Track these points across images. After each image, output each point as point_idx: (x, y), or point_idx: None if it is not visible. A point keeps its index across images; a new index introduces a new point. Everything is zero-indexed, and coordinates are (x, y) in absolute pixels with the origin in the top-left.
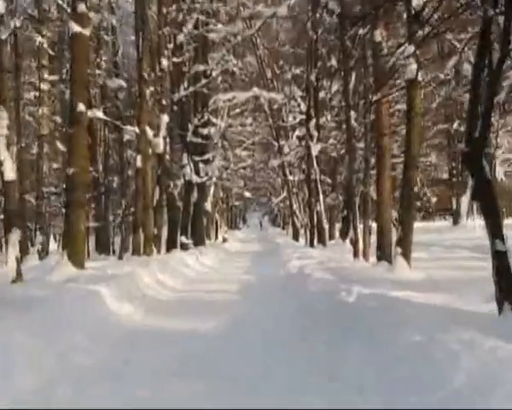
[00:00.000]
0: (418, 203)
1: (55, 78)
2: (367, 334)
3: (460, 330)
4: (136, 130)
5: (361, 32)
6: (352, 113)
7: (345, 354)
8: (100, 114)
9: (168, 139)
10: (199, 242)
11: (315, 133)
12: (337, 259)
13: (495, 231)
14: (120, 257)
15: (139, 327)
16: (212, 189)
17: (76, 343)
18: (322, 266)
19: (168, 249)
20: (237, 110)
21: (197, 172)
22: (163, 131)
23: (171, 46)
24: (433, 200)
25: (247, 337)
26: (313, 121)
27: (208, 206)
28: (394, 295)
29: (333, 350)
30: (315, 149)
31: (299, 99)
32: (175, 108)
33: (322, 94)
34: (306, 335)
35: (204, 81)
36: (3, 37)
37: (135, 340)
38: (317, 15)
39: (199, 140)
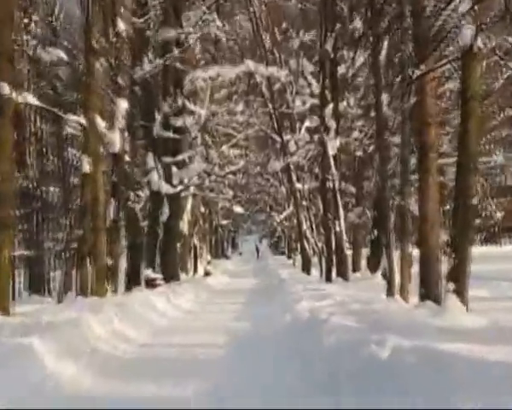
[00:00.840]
0: (478, 220)
1: None
2: (406, 402)
3: None
4: (82, 120)
5: None
6: (384, 95)
7: None
8: (31, 98)
9: (127, 134)
10: (171, 276)
11: (332, 124)
12: (364, 298)
13: None
14: (61, 299)
15: (84, 397)
16: (189, 202)
17: None
18: (343, 309)
19: (129, 287)
20: (223, 92)
21: (168, 180)
22: (120, 123)
23: (130, 2)
24: (499, 215)
25: None
26: (330, 107)
27: (184, 226)
28: (443, 349)
29: None
30: (332, 145)
31: (309, 77)
32: (136, 89)
33: (342, 69)
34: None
35: (177, 52)
36: None
37: None
38: None
39: (170, 134)
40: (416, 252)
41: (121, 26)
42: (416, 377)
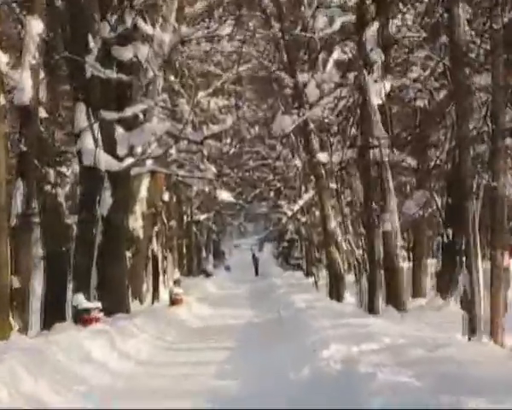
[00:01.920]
0: None
1: None
2: None
3: None
4: None
5: None
6: (462, 8)
7: None
8: None
9: (43, 74)
10: (116, 306)
11: (378, 56)
12: (430, 340)
13: None
14: None
15: None
16: (144, 186)
17: None
18: (396, 358)
19: (47, 323)
20: (200, 4)
21: (111, 149)
22: (32, 56)
23: None
24: None
25: None
26: (373, 28)
27: (137, 224)
28: None
29: None
30: (378, 91)
31: None
32: (59, 2)
33: None
34: None
35: None
36: None
37: None
38: None
39: (113, 74)
40: None
41: None
42: None
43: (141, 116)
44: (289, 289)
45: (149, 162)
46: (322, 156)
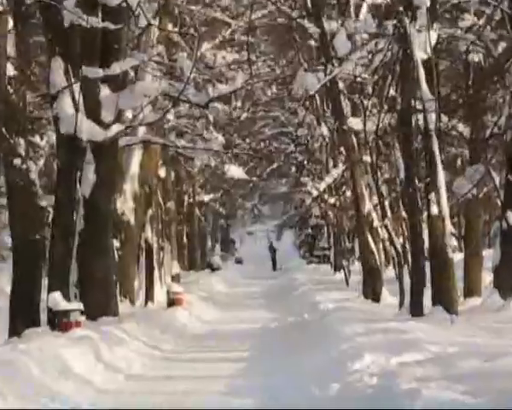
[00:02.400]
0: None
1: None
2: None
3: None
4: None
5: None
6: None
7: None
8: None
9: (12, 22)
10: (101, 308)
11: (423, 0)
12: (488, 349)
13: None
14: None
15: None
16: (135, 159)
17: None
18: (445, 371)
19: (17, 329)
20: None
21: (93, 115)
22: None
23: None
24: None
25: None
26: None
27: (126, 206)
28: None
29: None
30: (422, 42)
31: None
32: None
33: None
34: None
35: None
36: None
37: None
38: None
39: (98, 22)
40: None
41: None
42: None
43: (131, 74)
44: (314, 287)
45: (141, 130)
46: (355, 123)
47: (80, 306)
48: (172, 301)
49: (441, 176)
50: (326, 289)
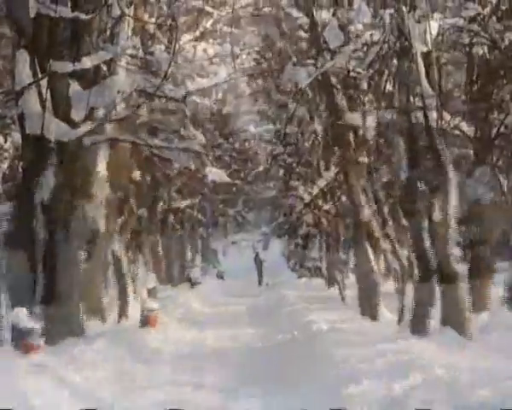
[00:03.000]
0: None
1: None
2: None
3: None
4: None
5: None
6: None
7: None
8: None
9: None
10: (67, 326)
11: None
12: (500, 374)
13: None
14: None
15: None
16: (101, 159)
17: None
18: (454, 399)
19: None
20: None
21: (62, 113)
22: None
23: None
24: None
25: None
26: None
27: (98, 213)
28: None
29: None
30: (421, 33)
31: None
32: None
33: None
34: None
35: None
36: None
37: None
38: None
39: (67, 12)
40: None
41: None
42: None
43: (104, 68)
44: (305, 304)
45: (108, 128)
46: (353, 117)
47: (37, 327)
48: (146, 320)
49: (452, 178)
50: (318, 307)
